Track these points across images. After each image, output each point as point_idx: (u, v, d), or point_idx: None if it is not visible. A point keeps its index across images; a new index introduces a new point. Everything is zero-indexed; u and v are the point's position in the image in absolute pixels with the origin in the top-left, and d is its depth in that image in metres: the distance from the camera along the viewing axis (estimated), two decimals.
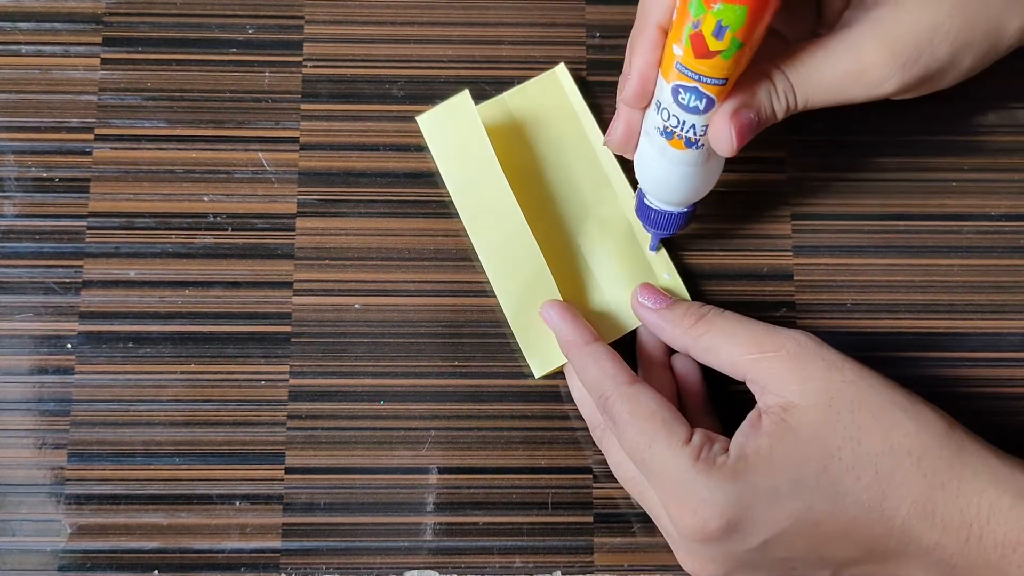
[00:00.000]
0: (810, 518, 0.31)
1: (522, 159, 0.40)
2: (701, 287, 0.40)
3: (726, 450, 0.32)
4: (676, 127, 0.33)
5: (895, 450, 0.31)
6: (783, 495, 0.31)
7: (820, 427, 0.32)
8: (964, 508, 0.31)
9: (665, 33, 0.32)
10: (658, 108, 0.33)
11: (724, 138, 0.32)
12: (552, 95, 0.41)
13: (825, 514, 0.31)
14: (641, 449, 0.33)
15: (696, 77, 0.31)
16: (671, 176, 0.35)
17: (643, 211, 0.37)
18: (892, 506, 0.31)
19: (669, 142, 0.34)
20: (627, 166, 0.41)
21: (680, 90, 0.32)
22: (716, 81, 0.31)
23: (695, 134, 0.33)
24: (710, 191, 0.36)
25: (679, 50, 0.31)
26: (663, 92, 0.33)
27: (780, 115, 0.34)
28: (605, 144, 0.37)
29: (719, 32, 0.29)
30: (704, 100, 0.32)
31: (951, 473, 0.31)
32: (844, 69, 0.33)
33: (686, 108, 0.32)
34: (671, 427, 0.33)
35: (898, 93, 0.34)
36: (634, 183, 0.40)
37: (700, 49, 0.30)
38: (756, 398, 0.34)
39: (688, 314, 0.36)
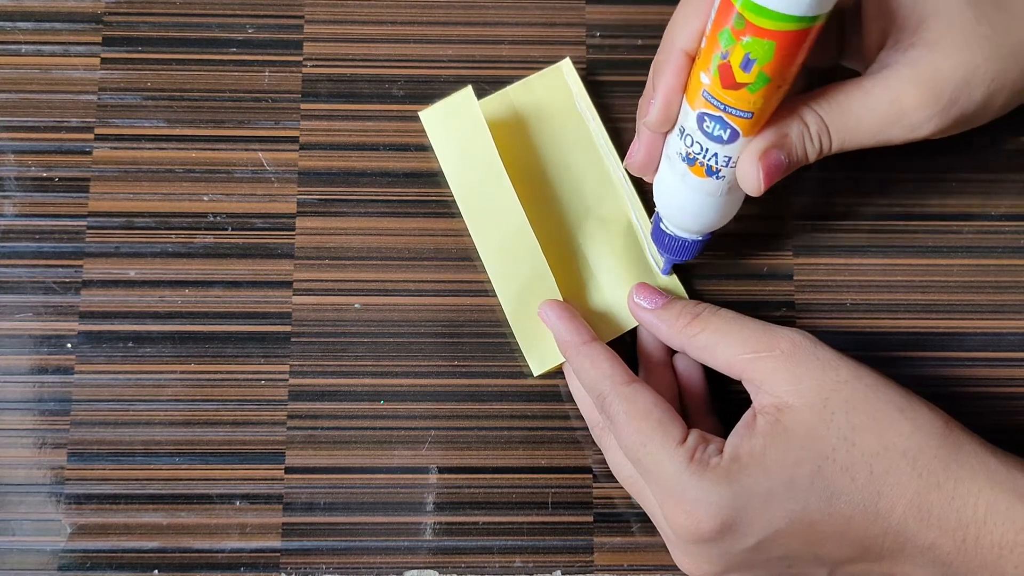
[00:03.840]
0: (805, 518, 0.31)
1: (524, 154, 0.40)
2: (701, 287, 0.40)
3: (721, 451, 0.32)
4: (699, 154, 0.33)
5: (890, 450, 0.31)
6: (777, 496, 0.31)
7: (814, 427, 0.32)
8: (960, 509, 0.31)
9: (690, 58, 0.32)
10: (681, 134, 0.33)
11: (752, 178, 0.32)
12: (556, 90, 0.41)
13: (820, 514, 0.31)
14: (636, 449, 0.33)
15: (722, 107, 0.31)
16: (690, 203, 0.34)
17: (658, 236, 0.37)
18: (887, 506, 0.31)
19: (691, 168, 0.33)
20: None
21: (705, 118, 0.32)
22: (742, 113, 0.31)
23: (717, 163, 0.33)
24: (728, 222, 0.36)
25: (706, 78, 0.31)
26: (687, 118, 0.32)
27: (812, 157, 0.33)
28: (625, 167, 0.37)
29: (747, 65, 0.29)
30: (729, 131, 0.31)
31: (947, 474, 0.31)
32: (883, 111, 0.32)
33: (710, 136, 0.32)
34: (666, 427, 0.33)
35: (935, 134, 0.33)
36: (636, 182, 0.40)
37: (727, 80, 0.30)
38: (751, 398, 0.34)
39: (683, 313, 0.36)
